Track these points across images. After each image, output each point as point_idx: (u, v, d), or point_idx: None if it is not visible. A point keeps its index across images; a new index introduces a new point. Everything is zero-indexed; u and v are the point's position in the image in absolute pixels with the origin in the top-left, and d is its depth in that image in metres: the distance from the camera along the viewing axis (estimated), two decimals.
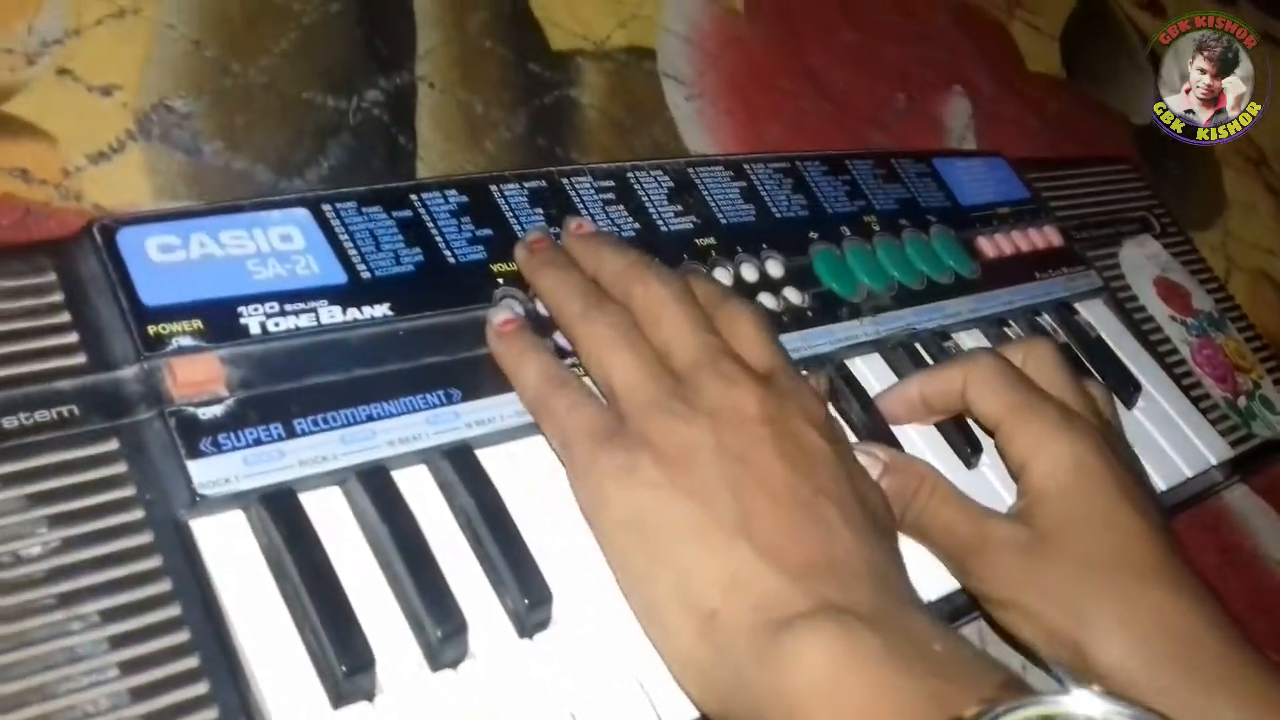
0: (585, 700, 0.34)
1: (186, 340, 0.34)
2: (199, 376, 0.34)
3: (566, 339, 0.40)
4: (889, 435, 0.46)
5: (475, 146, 0.52)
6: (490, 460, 0.37)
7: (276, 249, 0.38)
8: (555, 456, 0.38)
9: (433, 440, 0.36)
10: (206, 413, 0.33)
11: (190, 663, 0.30)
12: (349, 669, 0.31)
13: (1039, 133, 0.78)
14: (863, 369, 0.49)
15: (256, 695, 0.30)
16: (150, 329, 0.34)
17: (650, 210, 0.47)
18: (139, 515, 0.31)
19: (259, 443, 0.34)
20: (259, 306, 0.36)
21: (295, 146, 0.47)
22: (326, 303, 0.37)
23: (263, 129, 0.47)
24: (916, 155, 0.60)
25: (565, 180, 0.46)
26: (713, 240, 0.48)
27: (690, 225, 0.48)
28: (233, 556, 0.32)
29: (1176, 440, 0.56)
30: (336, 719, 0.31)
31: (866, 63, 0.71)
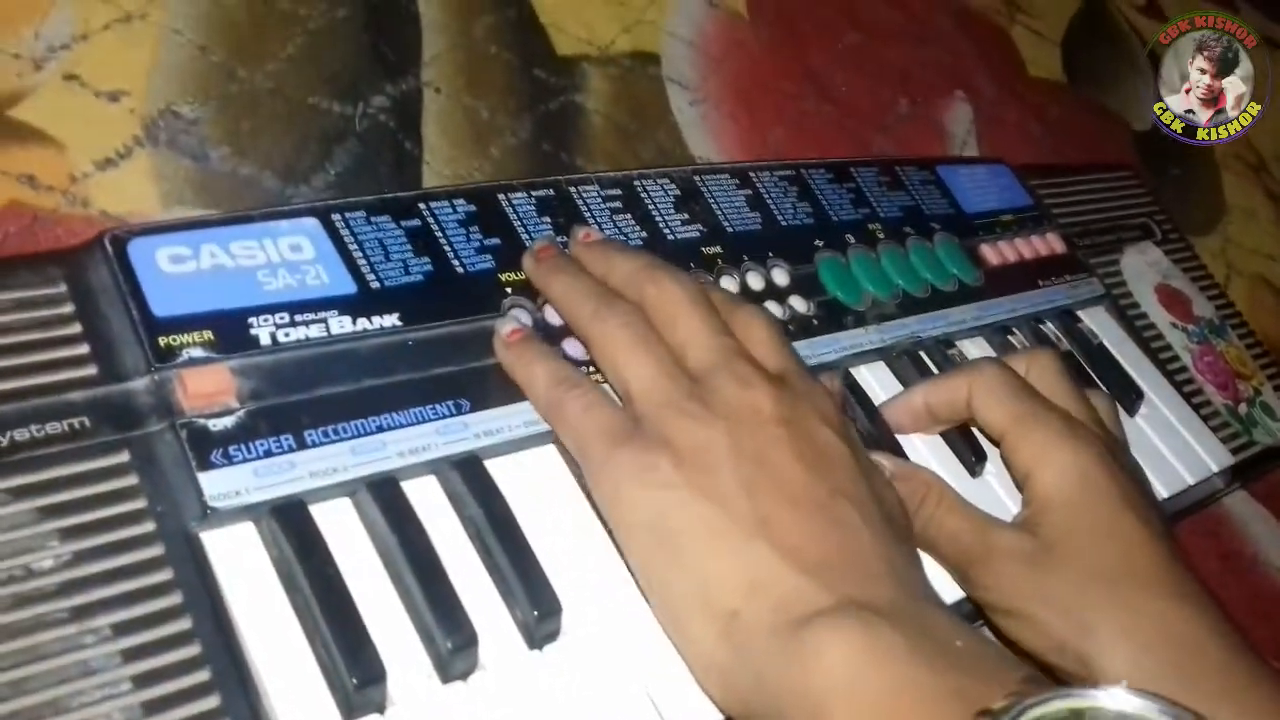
0: (594, 712, 0.34)
1: (197, 351, 0.34)
2: (210, 388, 0.34)
3: (580, 341, 0.40)
4: (894, 444, 0.46)
5: (481, 152, 0.52)
6: (499, 471, 0.37)
7: (286, 259, 0.38)
8: (565, 467, 0.38)
9: (442, 451, 0.36)
10: (217, 424, 0.33)
11: (201, 676, 0.30)
12: (360, 681, 0.31)
13: (1040, 138, 0.78)
14: (868, 377, 0.49)
15: (267, 708, 0.30)
16: (161, 340, 0.34)
17: (657, 218, 0.47)
18: (150, 528, 0.31)
19: (269, 454, 0.34)
20: (269, 317, 0.36)
21: (302, 152, 0.47)
22: (336, 313, 0.37)
23: (269, 134, 0.47)
24: (921, 163, 0.60)
25: (573, 189, 0.46)
26: (719, 248, 0.48)
27: (697, 233, 0.48)
28: (243, 569, 0.32)
29: (1178, 447, 0.56)
30: None
31: (869, 66, 0.71)
